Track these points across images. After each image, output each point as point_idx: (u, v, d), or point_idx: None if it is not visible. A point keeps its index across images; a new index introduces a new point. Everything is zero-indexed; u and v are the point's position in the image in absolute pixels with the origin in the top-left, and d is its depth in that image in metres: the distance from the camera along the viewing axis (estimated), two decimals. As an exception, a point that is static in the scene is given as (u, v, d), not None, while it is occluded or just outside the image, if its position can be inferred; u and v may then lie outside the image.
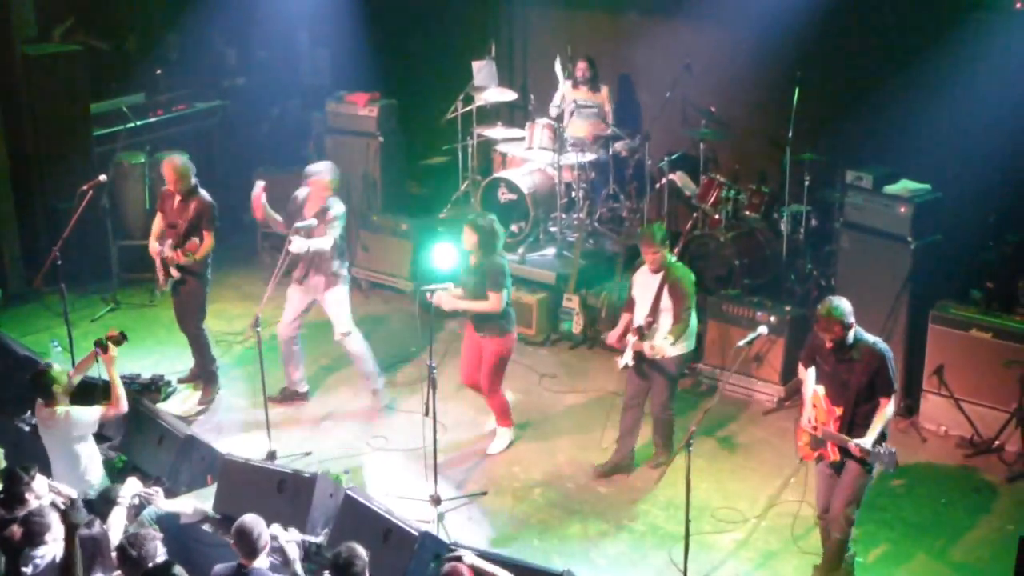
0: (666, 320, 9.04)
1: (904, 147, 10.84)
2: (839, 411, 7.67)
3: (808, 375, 7.89)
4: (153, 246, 10.33)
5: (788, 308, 10.57)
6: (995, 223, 10.79)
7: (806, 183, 11.45)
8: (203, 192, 10.26)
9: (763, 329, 8.52)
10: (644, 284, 9.26)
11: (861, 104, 11.35)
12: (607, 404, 10.25)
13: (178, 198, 10.19)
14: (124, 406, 8.50)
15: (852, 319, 7.60)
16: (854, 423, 7.65)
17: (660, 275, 9.10)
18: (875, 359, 7.61)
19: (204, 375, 10.67)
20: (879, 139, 11.10)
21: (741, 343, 8.37)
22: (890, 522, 8.85)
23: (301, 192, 10.23)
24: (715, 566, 8.40)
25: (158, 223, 10.40)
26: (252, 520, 6.89)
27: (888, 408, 7.64)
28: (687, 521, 7.64)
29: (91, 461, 8.40)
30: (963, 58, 10.62)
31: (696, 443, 7.75)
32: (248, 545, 6.82)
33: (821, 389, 7.76)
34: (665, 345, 8.97)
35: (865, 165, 10.52)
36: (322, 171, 10.14)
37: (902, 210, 10.06)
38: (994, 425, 9.67)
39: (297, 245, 9.72)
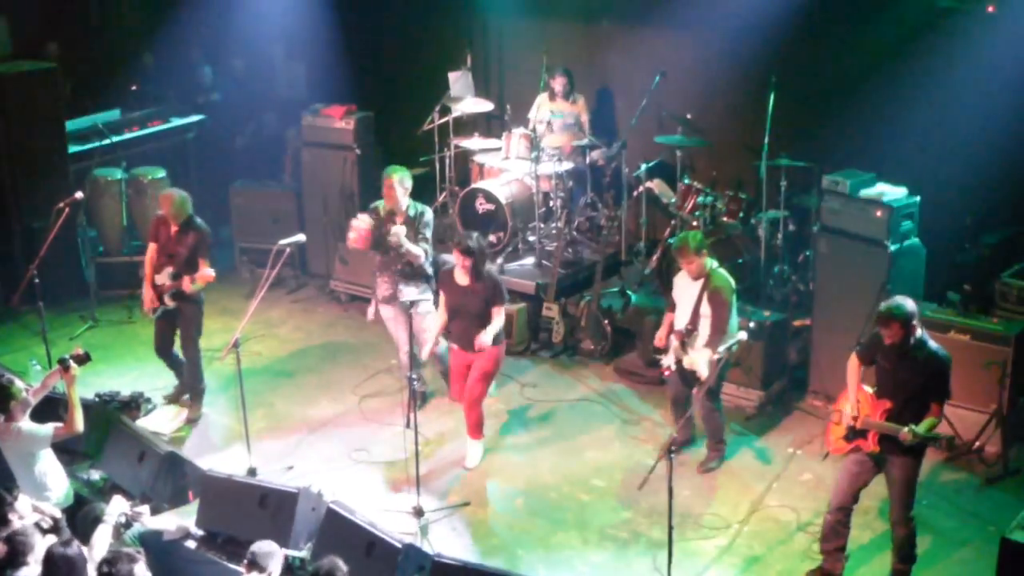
0: (705, 326, 9.06)
1: (880, 151, 10.90)
2: (887, 404, 7.74)
3: (856, 371, 7.97)
4: (149, 277, 10.33)
5: (767, 314, 10.61)
6: (972, 225, 10.88)
7: (783, 188, 11.52)
8: (199, 221, 10.29)
9: (743, 335, 8.56)
10: (685, 288, 9.31)
11: (836, 109, 11.42)
12: (588, 413, 10.29)
13: (175, 228, 10.21)
14: (78, 427, 8.38)
15: (916, 321, 7.64)
16: (900, 419, 7.68)
17: (700, 282, 9.13)
18: (937, 363, 7.69)
19: (193, 393, 10.67)
20: (855, 143, 11.16)
21: (721, 349, 8.43)
22: (872, 524, 8.87)
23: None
24: (699, 572, 8.42)
25: (152, 252, 10.38)
26: (269, 547, 6.87)
27: (940, 412, 7.74)
28: (670, 528, 7.64)
29: (49, 476, 8.35)
30: (938, 62, 10.72)
31: (678, 450, 7.78)
32: (261, 570, 6.82)
33: (869, 389, 7.84)
34: (701, 363, 8.92)
35: (841, 169, 10.55)
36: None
37: (879, 214, 10.10)
38: (974, 427, 9.70)
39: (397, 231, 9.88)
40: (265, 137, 15.32)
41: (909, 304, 7.65)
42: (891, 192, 10.22)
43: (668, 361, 9.29)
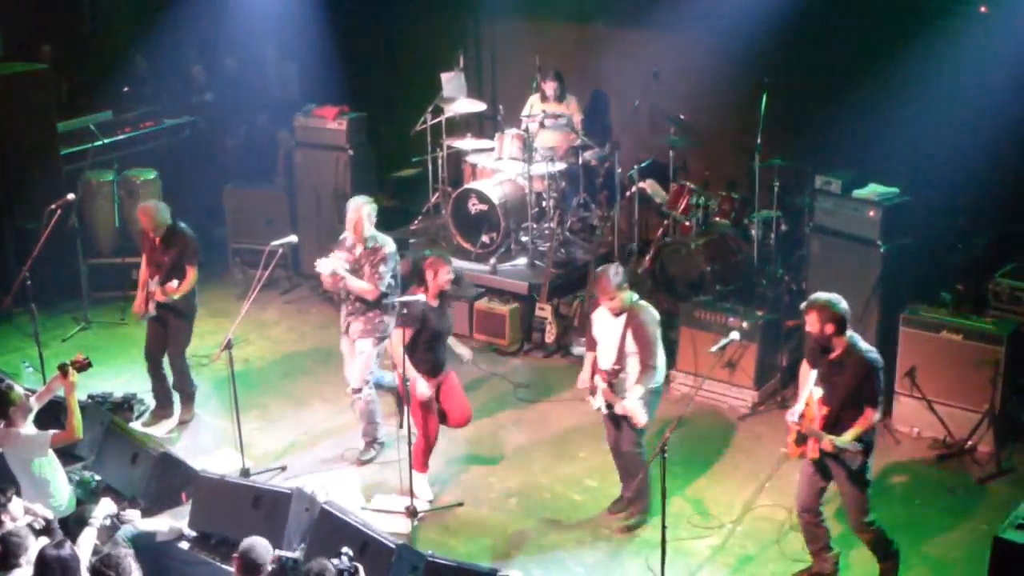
0: (633, 365, 8.62)
1: (872, 151, 10.94)
2: (825, 411, 7.70)
3: (810, 375, 7.88)
4: (143, 281, 10.32)
5: (760, 313, 10.62)
6: (964, 225, 10.90)
7: (776, 189, 11.54)
8: (183, 227, 10.26)
9: (735, 335, 8.55)
10: (605, 325, 8.80)
11: (829, 109, 11.43)
12: (581, 413, 10.29)
13: (157, 238, 10.19)
14: (78, 434, 8.33)
15: (841, 319, 7.60)
16: (839, 425, 7.66)
17: (622, 318, 8.67)
18: (864, 367, 7.62)
19: (184, 396, 10.66)
20: (847, 144, 11.18)
21: (713, 349, 8.43)
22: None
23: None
24: (692, 572, 8.43)
25: (144, 267, 10.36)
26: (263, 547, 6.86)
27: (872, 417, 7.64)
28: (663, 528, 7.66)
29: (51, 482, 8.35)
30: (931, 62, 10.75)
31: (671, 449, 7.78)
32: (253, 571, 6.81)
33: (819, 392, 7.77)
34: (637, 408, 8.57)
35: (834, 170, 10.59)
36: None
37: (871, 214, 10.14)
38: (966, 426, 9.73)
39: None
40: (257, 139, 15.30)
41: (840, 303, 7.62)
42: (883, 192, 10.25)
43: (598, 403, 8.81)
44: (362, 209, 9.69)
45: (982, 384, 9.64)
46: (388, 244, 9.76)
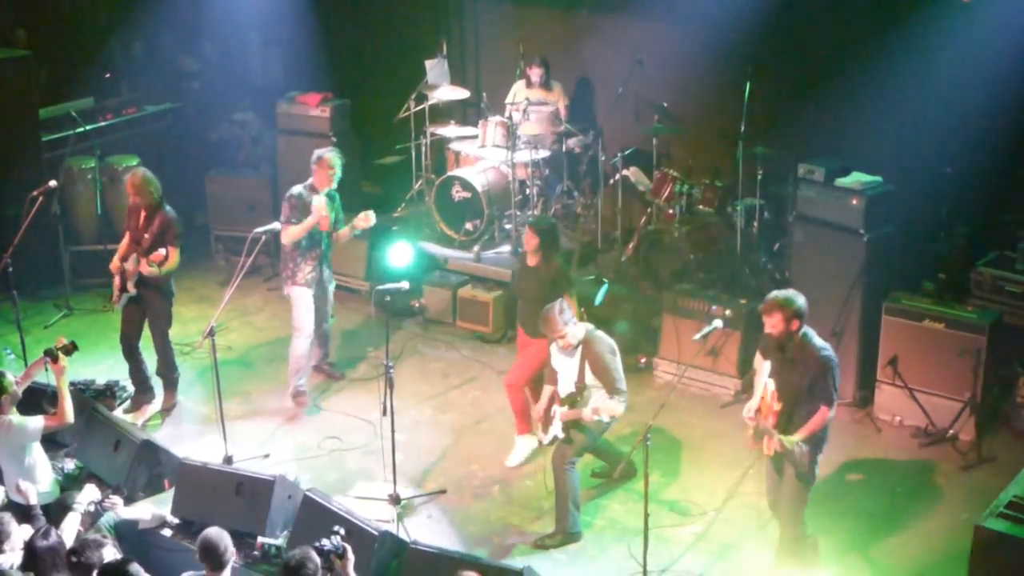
0: (599, 393, 8.56)
1: (856, 140, 10.96)
2: (779, 407, 7.67)
3: (763, 367, 7.89)
4: (114, 263, 10.24)
5: (743, 301, 10.64)
6: (947, 215, 10.97)
7: (759, 177, 11.58)
8: (168, 208, 10.20)
9: (718, 323, 8.59)
10: (562, 359, 8.77)
11: (812, 98, 11.46)
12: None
13: (143, 213, 10.14)
14: (69, 418, 8.40)
15: (800, 316, 7.56)
16: (792, 422, 7.65)
17: (577, 351, 8.62)
18: (817, 365, 7.57)
19: (167, 382, 10.65)
20: (830, 133, 11.22)
21: (697, 337, 8.44)
22: (846, 512, 8.94)
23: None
24: (674, 559, 8.46)
25: (125, 242, 10.31)
26: (217, 533, 6.88)
27: (825, 415, 7.60)
28: (646, 515, 7.70)
29: (37, 467, 8.37)
30: (914, 51, 10.75)
31: (653, 437, 7.81)
32: (215, 559, 6.82)
33: (772, 384, 7.77)
34: (607, 404, 8.45)
35: (817, 158, 10.60)
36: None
37: (854, 202, 10.16)
38: (948, 415, 9.78)
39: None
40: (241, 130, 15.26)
41: (798, 299, 7.59)
42: (867, 181, 10.28)
43: (554, 432, 8.71)
44: (334, 159, 10.33)
45: (964, 373, 9.68)
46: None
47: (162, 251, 9.92)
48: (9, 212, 11.93)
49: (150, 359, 10.54)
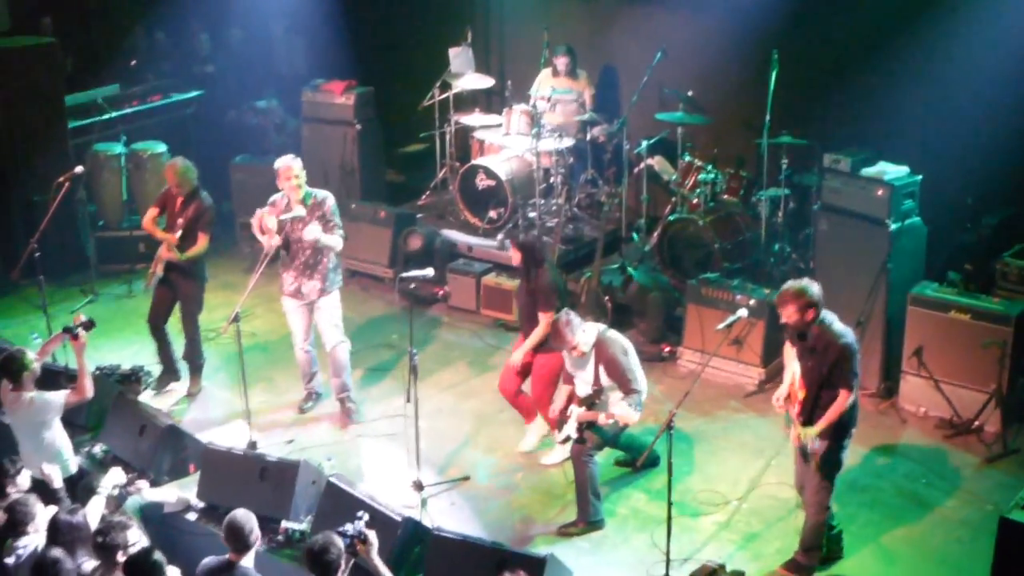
0: (615, 395, 8.61)
1: (882, 130, 10.95)
2: (803, 394, 7.70)
3: (791, 354, 7.90)
4: (146, 222, 10.45)
5: (767, 291, 10.61)
6: (973, 205, 10.92)
7: (784, 166, 11.55)
8: (204, 194, 10.31)
9: (743, 312, 8.57)
10: (577, 363, 8.79)
11: (838, 87, 11.44)
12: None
13: (180, 199, 10.22)
14: (89, 392, 8.50)
15: (815, 305, 7.55)
16: (816, 408, 7.67)
17: (591, 356, 8.65)
18: (835, 351, 7.56)
19: (192, 367, 10.71)
20: (856, 122, 11.20)
21: (721, 326, 8.43)
22: (871, 502, 8.93)
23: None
24: (697, 548, 8.45)
25: (149, 215, 10.41)
26: (244, 515, 6.91)
27: (846, 400, 7.59)
28: (669, 504, 7.70)
29: (58, 443, 8.43)
30: (940, 40, 10.74)
31: (677, 426, 7.81)
32: (240, 541, 6.85)
33: (799, 371, 7.80)
34: (625, 410, 8.51)
35: (843, 148, 10.58)
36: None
37: (880, 193, 10.12)
38: (973, 406, 9.74)
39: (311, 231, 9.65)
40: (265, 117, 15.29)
41: (812, 288, 7.58)
42: (892, 171, 10.25)
43: (568, 431, 8.70)
44: (295, 165, 9.77)
45: (990, 364, 9.64)
46: (329, 196, 9.90)
47: (177, 234, 10.10)
48: (36, 198, 12.01)
49: (176, 342, 10.60)
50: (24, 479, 7.63)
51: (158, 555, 6.57)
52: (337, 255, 9.95)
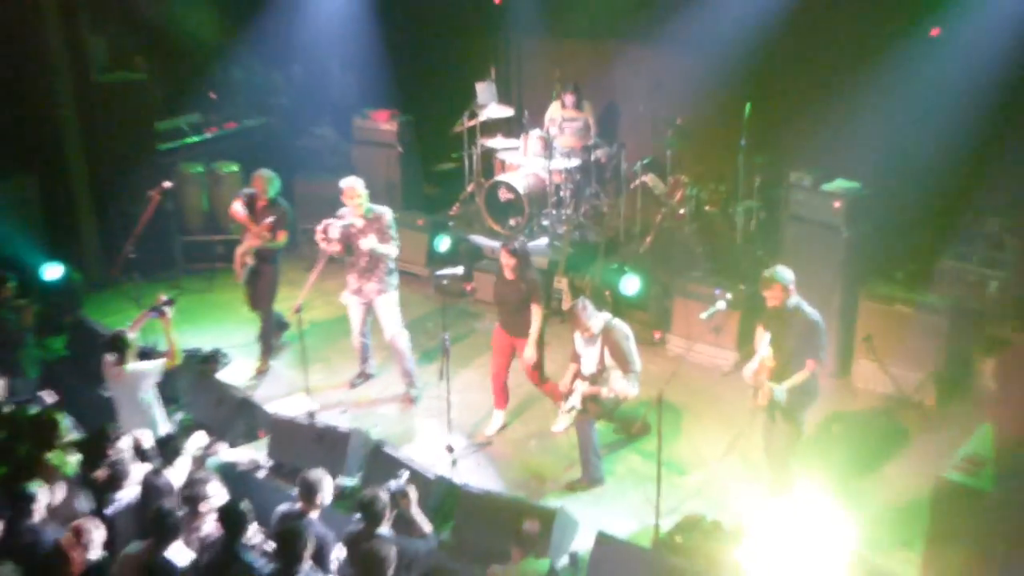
0: (616, 374, 8.66)
1: (839, 152, 10.88)
2: (772, 364, 7.78)
3: (764, 338, 7.94)
4: (235, 207, 10.47)
5: (742, 287, 10.63)
6: (916, 215, 10.88)
7: (757, 182, 11.56)
8: (282, 200, 10.45)
9: (722, 304, 8.60)
10: (585, 345, 8.81)
11: (803, 115, 11.38)
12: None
13: (263, 202, 10.32)
14: (179, 359, 8.71)
15: (792, 287, 7.68)
16: (784, 374, 7.76)
17: (598, 339, 8.69)
18: (806, 326, 7.71)
19: (265, 348, 10.81)
20: (818, 145, 11.12)
21: (703, 316, 8.50)
22: (827, 464, 8.86)
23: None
24: (682, 500, 8.51)
25: (240, 204, 10.45)
26: (317, 476, 6.99)
27: (812, 368, 7.72)
28: (659, 465, 7.76)
29: (151, 411, 8.54)
30: (890, 77, 10.73)
31: (665, 400, 7.86)
32: (310, 496, 6.94)
33: (769, 351, 7.83)
34: (624, 385, 8.60)
35: (806, 167, 10.58)
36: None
37: (836, 205, 10.13)
38: (914, 384, 9.78)
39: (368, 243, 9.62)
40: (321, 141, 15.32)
41: (787, 272, 7.71)
42: (848, 186, 10.25)
43: (572, 403, 8.74)
44: (358, 185, 9.77)
45: (928, 349, 9.68)
46: (387, 211, 9.85)
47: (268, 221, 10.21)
48: (131, 208, 12.10)
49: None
50: (123, 442, 7.74)
51: (245, 504, 6.68)
52: (393, 261, 9.91)
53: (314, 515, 6.95)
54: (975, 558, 6.78)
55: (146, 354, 9.20)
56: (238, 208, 10.40)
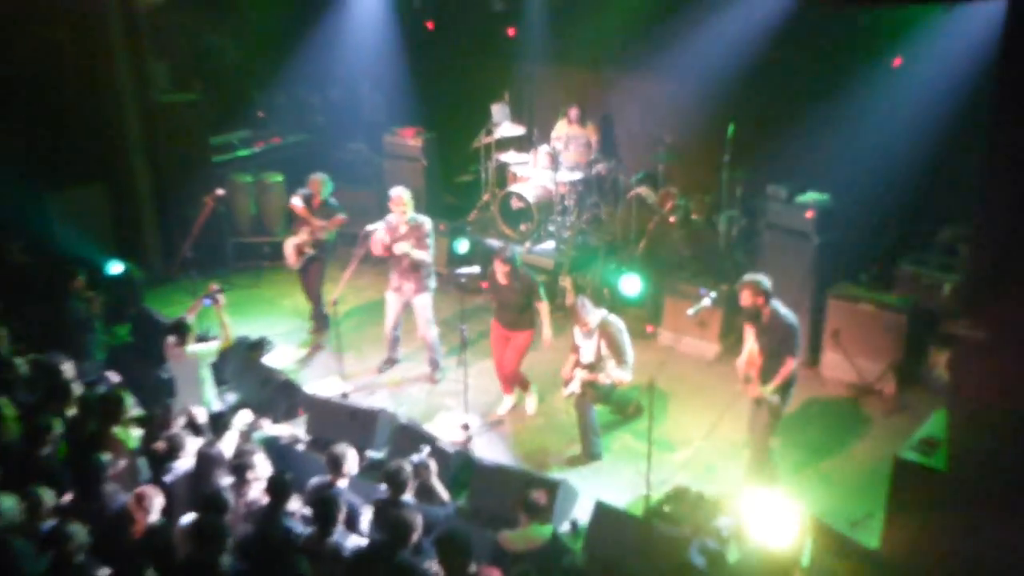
0: (611, 363, 8.59)
1: (811, 167, 10.87)
2: (759, 361, 7.75)
3: (749, 332, 7.92)
4: (302, 235, 10.54)
5: (725, 287, 10.59)
6: (879, 223, 10.85)
7: (738, 194, 11.53)
8: (335, 201, 10.61)
9: (707, 302, 8.61)
10: (583, 337, 8.72)
11: (779, 135, 11.33)
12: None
13: (319, 201, 10.44)
14: (231, 341, 8.76)
15: (766, 293, 7.59)
16: (768, 372, 7.72)
17: (595, 333, 8.61)
18: (782, 329, 7.62)
19: (319, 323, 10.96)
20: (792, 161, 11.10)
21: (690, 312, 8.49)
22: (798, 443, 8.95)
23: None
24: (671, 474, 8.53)
25: (303, 204, 10.52)
26: (342, 449, 7.00)
27: (791, 366, 7.66)
28: (649, 443, 7.78)
29: (205, 390, 8.57)
30: (855, 101, 10.69)
31: (657, 385, 7.85)
32: (337, 467, 6.96)
33: (755, 345, 7.82)
34: (619, 373, 8.54)
35: (782, 180, 10.56)
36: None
37: (808, 215, 10.12)
38: (876, 374, 9.76)
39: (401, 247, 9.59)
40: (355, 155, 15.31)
41: (762, 279, 7.60)
42: (818, 198, 10.23)
43: (572, 388, 8.67)
44: (405, 195, 9.71)
45: (889, 343, 9.66)
46: (427, 221, 9.80)
47: (340, 216, 10.44)
48: (188, 213, 12.14)
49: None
50: (180, 418, 7.77)
51: (289, 476, 6.70)
52: (429, 265, 9.84)
53: (343, 483, 6.96)
54: (929, 528, 6.77)
55: (202, 339, 9.24)
56: (297, 202, 10.45)
